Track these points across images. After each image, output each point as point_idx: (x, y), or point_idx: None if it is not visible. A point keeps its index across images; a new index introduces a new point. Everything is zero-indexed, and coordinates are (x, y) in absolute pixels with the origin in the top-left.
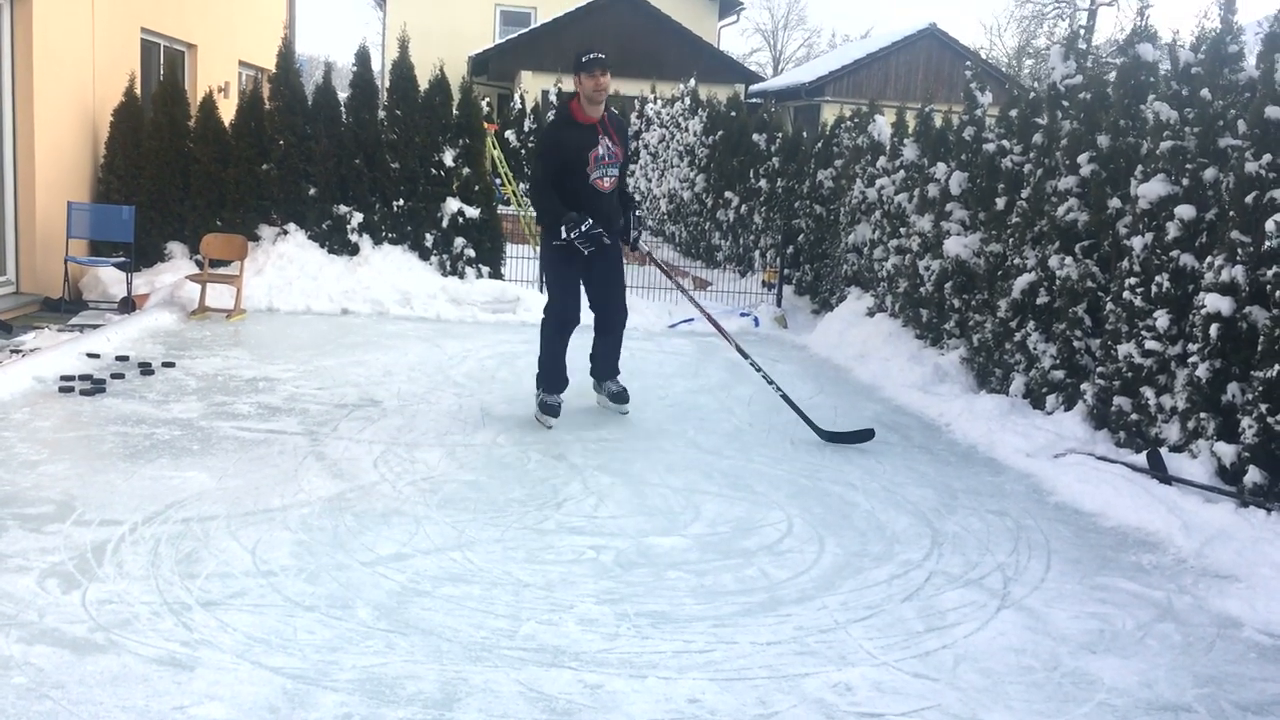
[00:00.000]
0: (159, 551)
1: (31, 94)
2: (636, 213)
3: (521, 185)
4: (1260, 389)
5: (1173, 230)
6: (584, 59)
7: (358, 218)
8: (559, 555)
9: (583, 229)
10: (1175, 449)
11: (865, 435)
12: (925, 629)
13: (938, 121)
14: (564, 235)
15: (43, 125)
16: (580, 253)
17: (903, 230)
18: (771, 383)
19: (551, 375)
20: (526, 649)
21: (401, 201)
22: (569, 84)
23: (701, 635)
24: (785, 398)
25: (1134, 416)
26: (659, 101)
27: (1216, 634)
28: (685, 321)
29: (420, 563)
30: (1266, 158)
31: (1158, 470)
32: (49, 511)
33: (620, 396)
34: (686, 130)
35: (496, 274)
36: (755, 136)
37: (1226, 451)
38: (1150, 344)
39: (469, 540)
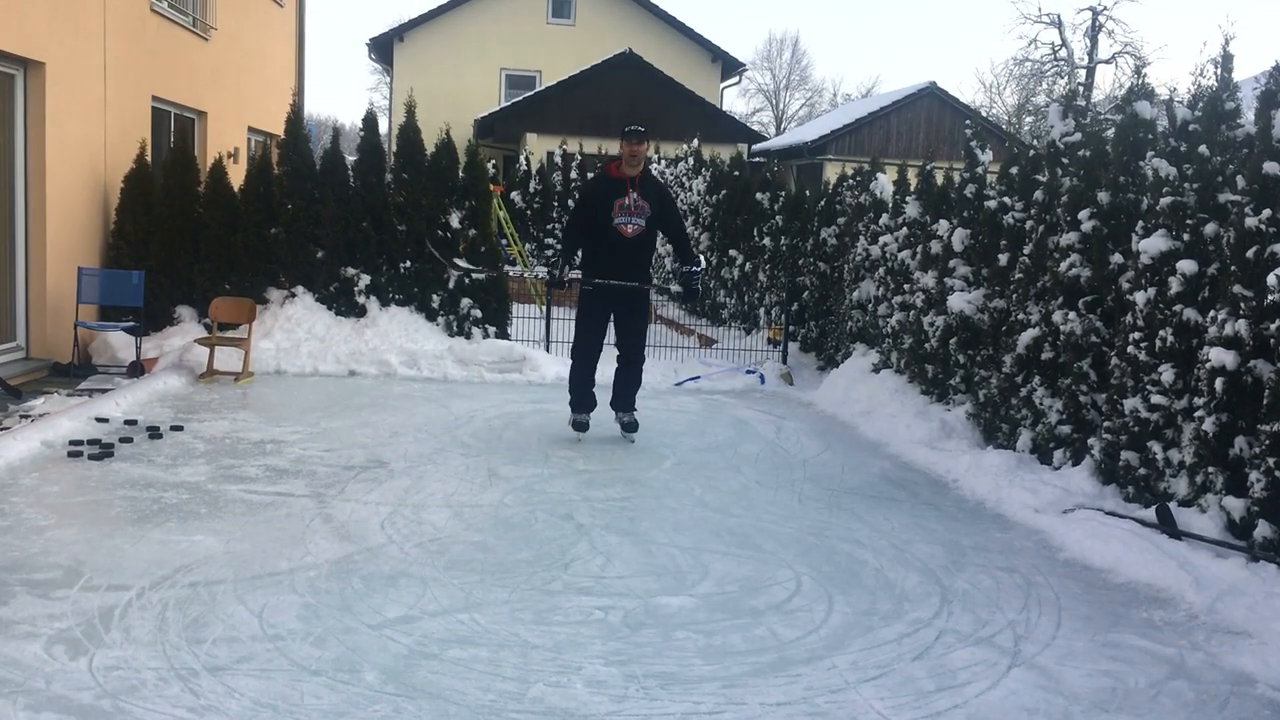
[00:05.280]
0: (166, 616)
1: (43, 161)
2: (694, 268)
3: (527, 246)
4: (1267, 443)
5: (1175, 285)
6: (625, 129)
7: (365, 280)
8: (567, 616)
9: (550, 274)
10: (1184, 503)
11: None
12: (936, 688)
13: (939, 179)
14: (545, 270)
15: (54, 191)
16: (606, 296)
17: (906, 286)
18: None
19: (577, 397)
20: (535, 712)
21: (408, 263)
22: (574, 146)
23: (710, 696)
24: None
25: (1142, 471)
26: (663, 161)
27: (1230, 691)
28: (691, 380)
29: (428, 625)
30: (1266, 213)
31: (1167, 525)
32: (57, 577)
33: (630, 426)
34: (690, 189)
35: (503, 334)
36: (759, 195)
37: (1236, 506)
38: (1156, 398)
39: (476, 602)
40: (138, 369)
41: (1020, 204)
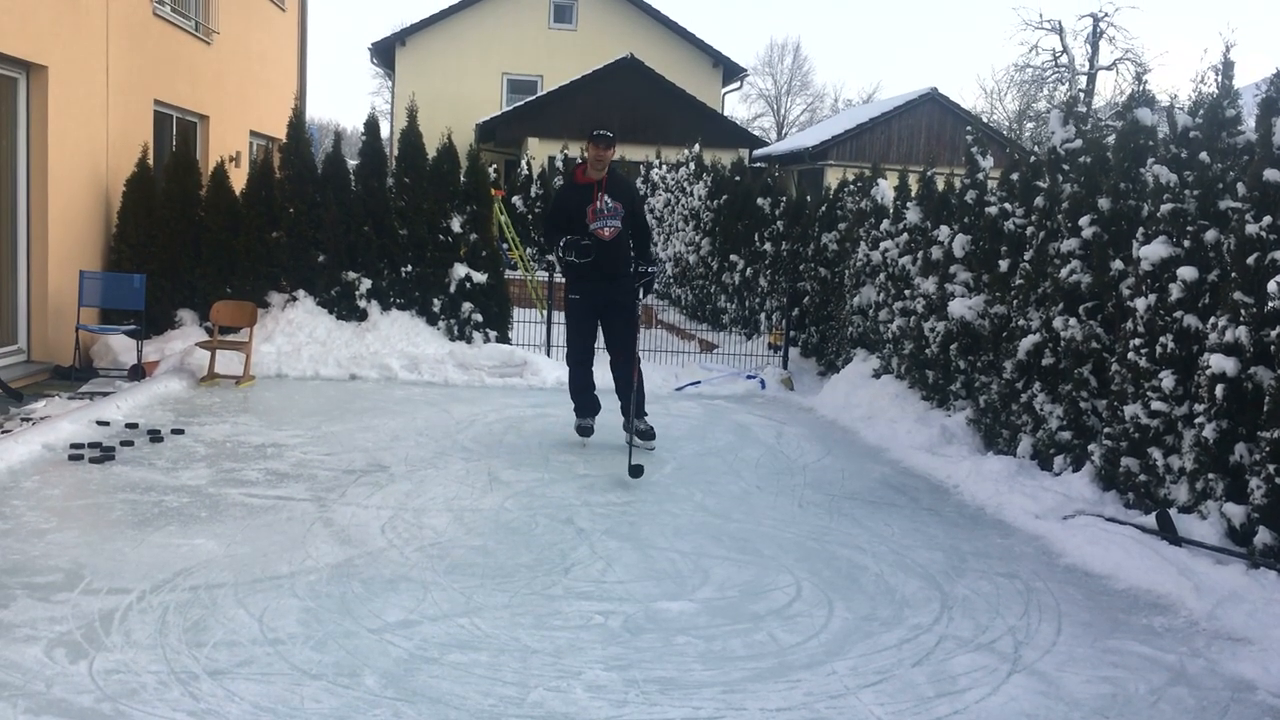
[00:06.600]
0: (167, 620)
1: (45, 164)
2: (650, 268)
3: (529, 250)
4: (1268, 449)
5: (1175, 291)
6: (593, 133)
7: (366, 284)
8: (567, 621)
9: (566, 240)
10: (1184, 510)
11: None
12: (936, 694)
13: (940, 185)
14: (560, 247)
15: (56, 194)
16: (594, 302)
17: (907, 292)
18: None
19: (578, 402)
20: (535, 716)
21: (409, 267)
22: (575, 150)
23: (710, 702)
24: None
25: (1142, 477)
26: (664, 166)
27: (1230, 698)
28: (692, 384)
29: (428, 629)
30: (1266, 219)
31: (1167, 531)
32: (57, 580)
33: (646, 434)
34: (691, 195)
35: (504, 338)
36: (760, 200)
37: (1236, 512)
38: (1156, 404)
39: (477, 606)
40: (139, 372)
41: (1021, 210)
